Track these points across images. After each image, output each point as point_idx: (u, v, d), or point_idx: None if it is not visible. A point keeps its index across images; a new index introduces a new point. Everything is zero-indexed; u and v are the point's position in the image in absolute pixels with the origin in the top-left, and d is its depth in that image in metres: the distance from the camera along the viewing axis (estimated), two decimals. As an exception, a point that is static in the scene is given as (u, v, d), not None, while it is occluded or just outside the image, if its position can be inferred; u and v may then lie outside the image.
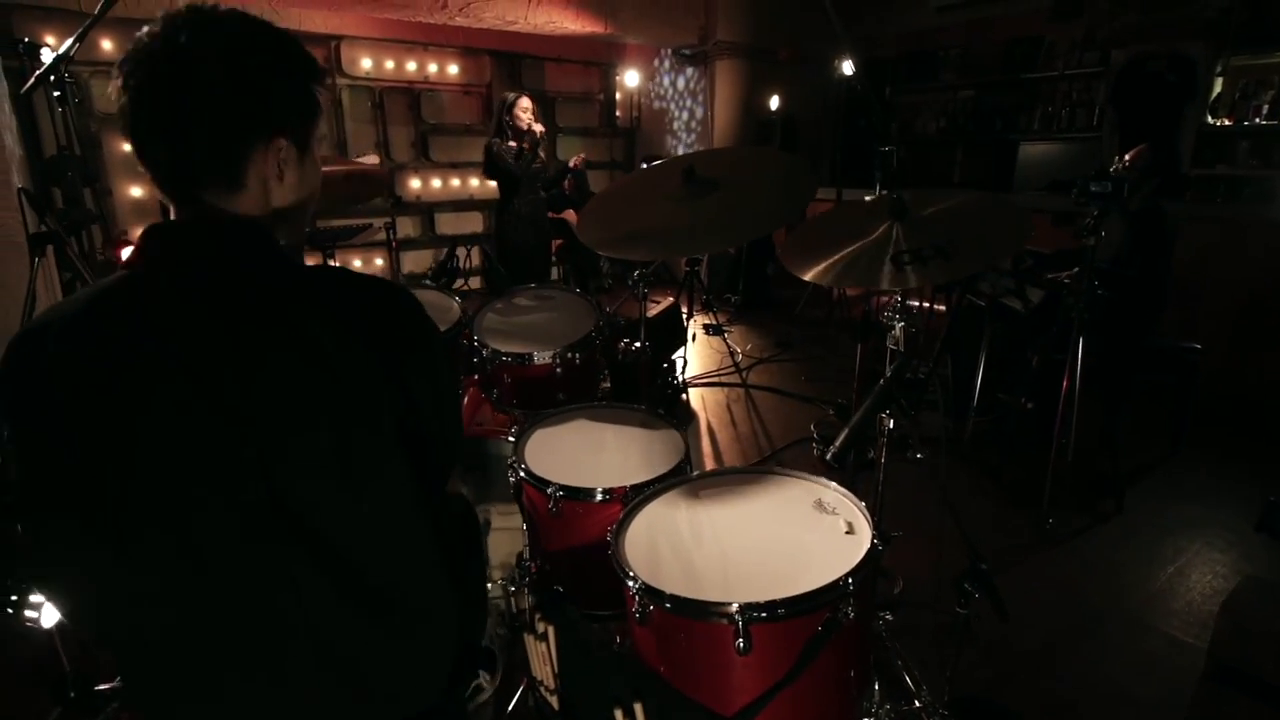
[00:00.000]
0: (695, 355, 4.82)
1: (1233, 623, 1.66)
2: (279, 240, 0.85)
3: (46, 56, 4.69)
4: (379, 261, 6.53)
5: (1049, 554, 2.50)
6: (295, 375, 0.77)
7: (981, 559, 1.42)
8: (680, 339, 4.29)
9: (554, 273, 6.09)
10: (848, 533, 1.22)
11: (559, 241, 5.56)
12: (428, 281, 2.34)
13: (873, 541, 1.16)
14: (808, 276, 1.37)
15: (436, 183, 6.74)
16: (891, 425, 1.37)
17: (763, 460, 3.24)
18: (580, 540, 1.51)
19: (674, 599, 1.09)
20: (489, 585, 1.92)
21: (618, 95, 7.68)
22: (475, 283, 6.33)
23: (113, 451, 0.75)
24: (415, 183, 6.63)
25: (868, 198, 2.12)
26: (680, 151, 7.32)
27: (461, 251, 4.20)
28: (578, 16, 5.78)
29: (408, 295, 0.89)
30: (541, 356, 1.83)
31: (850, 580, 1.08)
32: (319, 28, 5.90)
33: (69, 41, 2.12)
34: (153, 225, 0.81)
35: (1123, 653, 2.02)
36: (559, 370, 1.84)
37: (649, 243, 1.57)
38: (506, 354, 1.85)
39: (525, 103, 4.07)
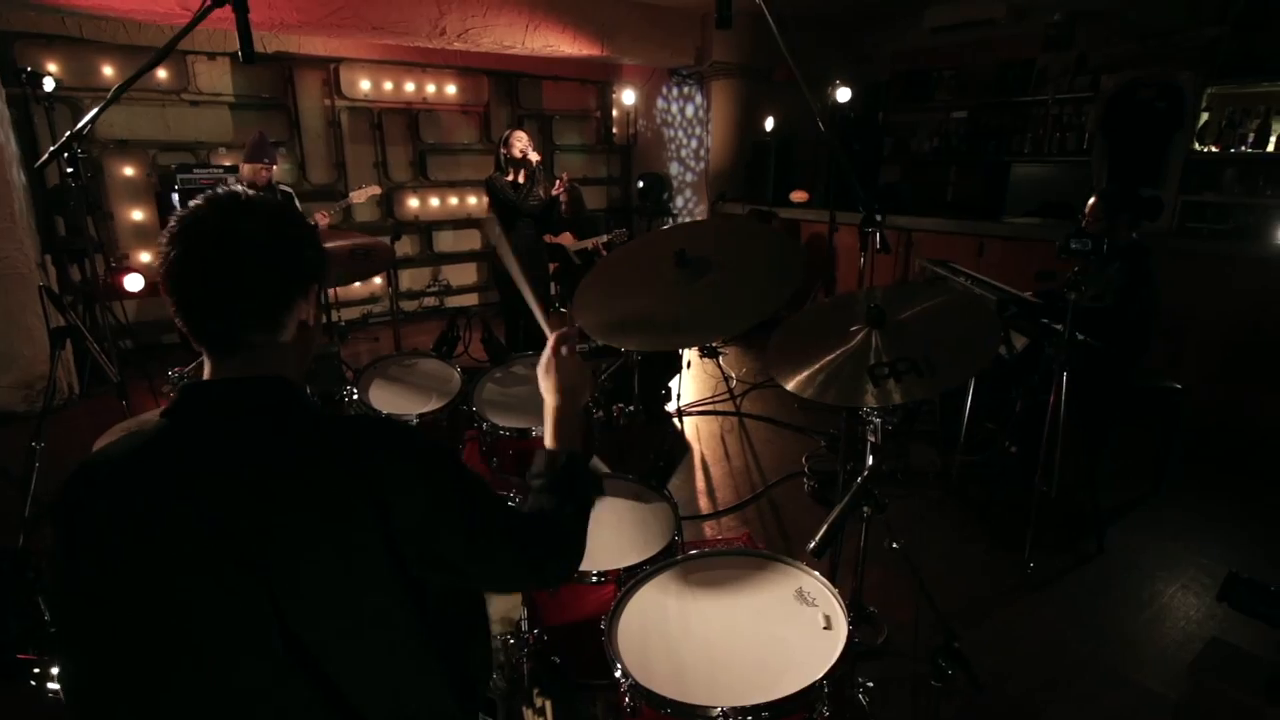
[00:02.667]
0: (690, 380, 4.90)
1: (1197, 688, 1.75)
2: (297, 377, 0.96)
3: (49, 85, 4.78)
4: (376, 280, 6.60)
5: (1031, 599, 2.58)
6: (306, 527, 0.85)
7: (955, 636, 1.49)
8: (676, 366, 4.38)
9: (551, 288, 6.17)
10: (825, 628, 1.30)
11: (554, 265, 5.63)
12: (430, 352, 2.40)
13: (847, 640, 1.24)
14: (790, 386, 1.44)
15: (435, 201, 6.81)
16: (868, 513, 1.45)
17: (755, 497, 3.32)
18: (576, 616, 1.60)
19: (661, 699, 1.17)
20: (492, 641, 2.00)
21: (614, 112, 7.74)
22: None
23: (146, 590, 0.84)
24: (413, 202, 6.70)
25: (862, 289, 2.18)
26: (689, 177, 7.38)
27: (461, 321, 4.38)
28: (575, 40, 5.84)
29: (396, 428, 0.99)
30: (539, 430, 1.91)
31: (825, 683, 1.16)
32: (318, 50, 5.96)
33: (84, 120, 2.18)
34: (189, 384, 0.92)
35: (1097, 705, 2.10)
36: (555, 443, 1.91)
37: (646, 332, 1.64)
38: (505, 429, 1.93)
39: (519, 134, 4.17)
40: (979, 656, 2.10)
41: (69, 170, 2.11)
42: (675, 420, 4.25)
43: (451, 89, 6.66)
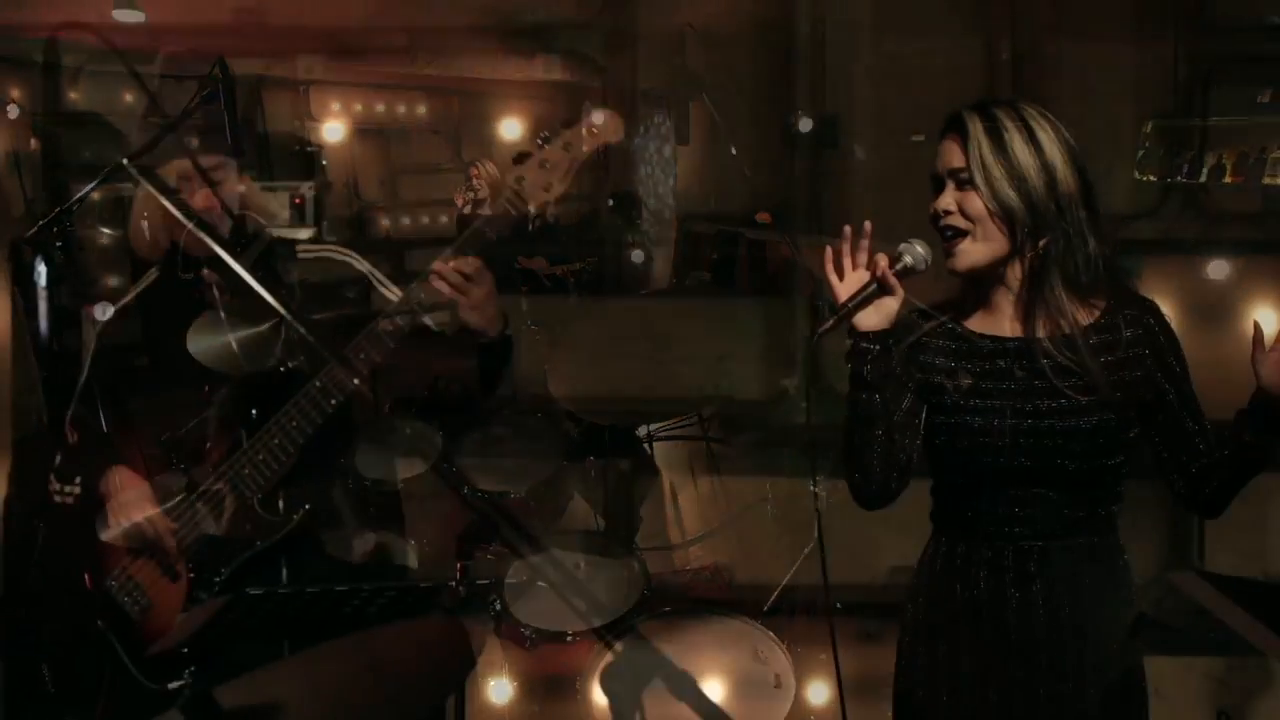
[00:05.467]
0: (660, 402, 5.05)
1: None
2: None
3: (14, 113, 4.74)
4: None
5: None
6: None
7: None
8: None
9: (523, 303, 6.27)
10: (775, 686, 1.47)
11: (525, 288, 5.73)
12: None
13: (794, 699, 1.41)
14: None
15: (406, 220, 6.86)
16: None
17: (722, 526, 3.49)
18: (553, 670, 1.75)
19: (630, 760, 1.33)
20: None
21: (585, 130, 7.84)
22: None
23: None
24: (385, 221, 6.74)
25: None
26: (661, 202, 7.53)
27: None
28: (545, 65, 5.94)
29: None
30: (517, 492, 2.05)
31: (774, 741, 1.33)
32: (288, 73, 5.97)
33: (75, 198, 2.20)
34: None
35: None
36: (532, 503, 2.06)
37: (616, 405, 1.79)
38: (483, 492, 2.07)
39: (474, 170, 4.16)
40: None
41: (59, 244, 2.15)
42: (645, 445, 4.40)
43: (422, 109, 6.72)
